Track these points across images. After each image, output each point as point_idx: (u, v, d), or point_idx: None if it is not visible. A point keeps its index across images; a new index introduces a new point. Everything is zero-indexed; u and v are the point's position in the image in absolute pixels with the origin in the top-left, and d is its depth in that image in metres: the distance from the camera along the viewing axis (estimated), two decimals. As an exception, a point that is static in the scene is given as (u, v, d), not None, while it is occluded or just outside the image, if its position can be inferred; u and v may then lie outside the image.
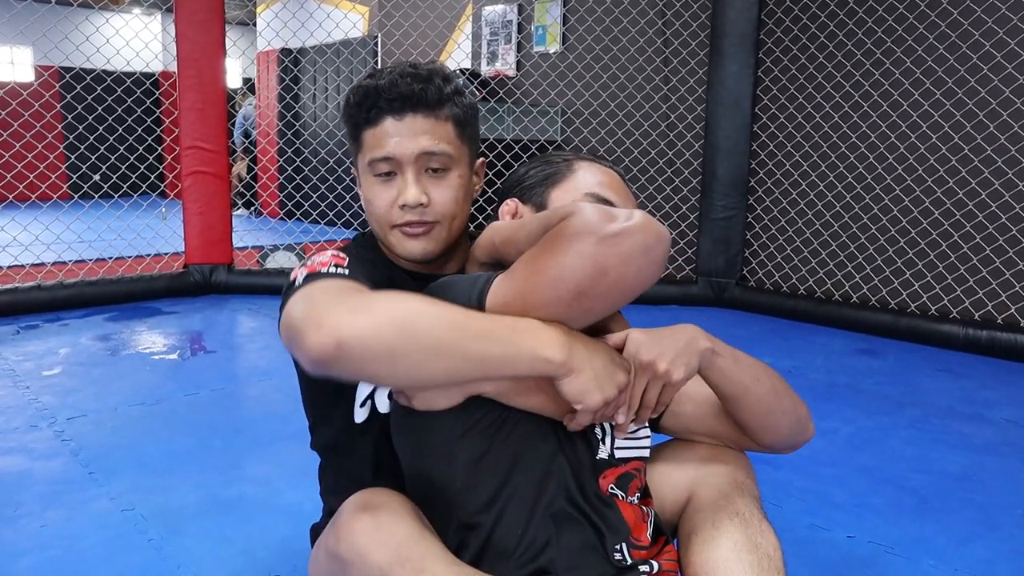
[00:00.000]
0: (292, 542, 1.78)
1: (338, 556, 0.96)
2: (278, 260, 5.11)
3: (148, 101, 7.29)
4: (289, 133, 8.34)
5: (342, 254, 1.11)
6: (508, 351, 0.93)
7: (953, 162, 3.83)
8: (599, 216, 0.93)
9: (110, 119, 5.27)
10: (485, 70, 6.28)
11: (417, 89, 1.13)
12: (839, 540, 1.88)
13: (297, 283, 1.04)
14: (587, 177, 1.19)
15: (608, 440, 1.13)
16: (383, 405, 1.20)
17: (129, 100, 5.89)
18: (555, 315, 0.96)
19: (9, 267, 4.34)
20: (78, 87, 5.14)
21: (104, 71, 4.90)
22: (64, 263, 4.47)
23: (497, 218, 1.22)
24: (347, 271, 1.05)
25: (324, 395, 1.25)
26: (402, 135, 1.13)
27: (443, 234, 1.18)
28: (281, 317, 1.04)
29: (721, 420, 1.25)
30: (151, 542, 1.78)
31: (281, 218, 8.74)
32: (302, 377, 1.28)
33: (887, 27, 4.01)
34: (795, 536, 1.86)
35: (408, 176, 1.14)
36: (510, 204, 1.21)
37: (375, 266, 1.21)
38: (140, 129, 5.60)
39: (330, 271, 1.04)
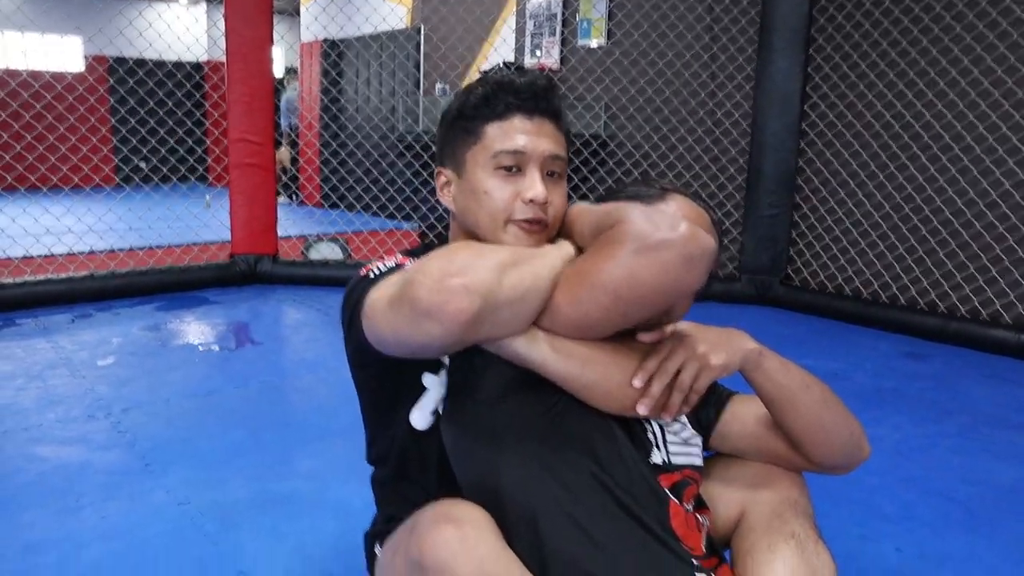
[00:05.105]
0: (343, 539, 1.81)
1: (421, 565, 0.97)
2: (321, 251, 5.18)
3: (198, 94, 7.36)
4: (334, 125, 8.41)
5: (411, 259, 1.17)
6: None
7: (1010, 164, 3.74)
8: (645, 225, 0.98)
9: (160, 112, 5.37)
10: (529, 63, 6.26)
11: (551, 96, 1.18)
12: (888, 553, 1.86)
13: (375, 275, 1.13)
14: (675, 208, 1.21)
15: (663, 445, 1.15)
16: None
17: (179, 93, 6.01)
18: (595, 315, 1.02)
19: (64, 256, 4.46)
20: (130, 81, 5.25)
21: (155, 62, 4.99)
22: (115, 252, 4.58)
23: None
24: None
25: (387, 398, 1.26)
26: (532, 134, 1.16)
27: (549, 237, 1.20)
28: (363, 303, 1.09)
29: (771, 438, 1.24)
30: (207, 536, 1.83)
31: (324, 208, 8.84)
32: (365, 384, 1.28)
33: (945, 24, 3.92)
34: (844, 548, 1.85)
35: (535, 174, 1.16)
36: None
37: None
38: (190, 122, 5.68)
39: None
